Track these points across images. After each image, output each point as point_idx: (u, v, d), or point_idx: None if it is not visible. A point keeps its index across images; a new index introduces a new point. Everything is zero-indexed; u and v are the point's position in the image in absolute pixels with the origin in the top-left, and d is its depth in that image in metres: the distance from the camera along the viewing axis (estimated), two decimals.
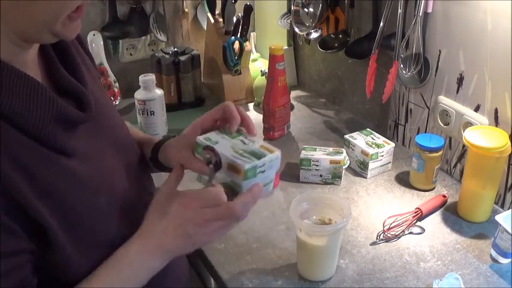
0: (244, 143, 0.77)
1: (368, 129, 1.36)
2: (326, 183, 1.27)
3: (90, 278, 0.69)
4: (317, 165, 1.25)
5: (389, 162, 1.31)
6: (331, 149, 1.28)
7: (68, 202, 0.67)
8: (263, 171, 0.74)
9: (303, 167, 1.26)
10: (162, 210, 0.73)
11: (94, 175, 0.72)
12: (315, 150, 1.28)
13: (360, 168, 1.29)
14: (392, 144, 1.29)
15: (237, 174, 0.72)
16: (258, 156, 0.74)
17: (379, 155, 1.26)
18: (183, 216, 0.71)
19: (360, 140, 1.30)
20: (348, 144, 1.32)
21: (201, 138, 0.77)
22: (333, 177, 1.26)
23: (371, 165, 1.26)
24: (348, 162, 1.29)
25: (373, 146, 1.27)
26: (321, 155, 1.26)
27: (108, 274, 0.70)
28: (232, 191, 0.74)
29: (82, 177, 0.70)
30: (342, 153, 1.26)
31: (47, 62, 0.73)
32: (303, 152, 1.28)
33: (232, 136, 0.78)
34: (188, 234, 0.71)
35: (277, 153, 0.76)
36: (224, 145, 0.76)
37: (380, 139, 1.31)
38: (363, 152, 1.26)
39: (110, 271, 0.71)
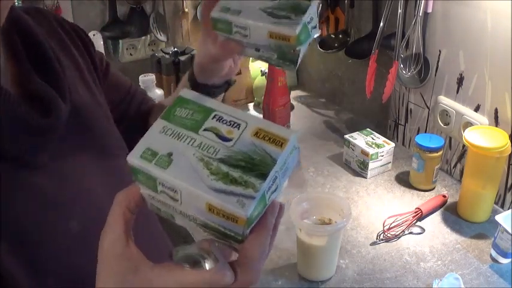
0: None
1: (368, 129, 1.35)
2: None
3: None
4: (245, 34, 0.61)
5: (389, 162, 1.31)
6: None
7: (26, 223, 0.57)
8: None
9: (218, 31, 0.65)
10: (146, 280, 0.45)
11: (66, 194, 0.62)
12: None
13: (359, 168, 1.29)
14: (392, 144, 1.29)
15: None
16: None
17: (379, 155, 1.26)
18: None
19: (360, 140, 1.30)
20: (348, 144, 1.32)
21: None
22: (280, 58, 0.65)
23: (371, 165, 1.26)
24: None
25: (373, 146, 1.27)
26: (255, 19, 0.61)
27: None
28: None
29: (49, 196, 0.60)
30: (298, 24, 0.58)
31: (15, 62, 0.64)
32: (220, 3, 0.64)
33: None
34: None
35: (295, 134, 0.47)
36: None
37: (380, 139, 1.30)
38: (363, 152, 1.26)
39: None
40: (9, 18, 0.62)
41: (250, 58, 1.75)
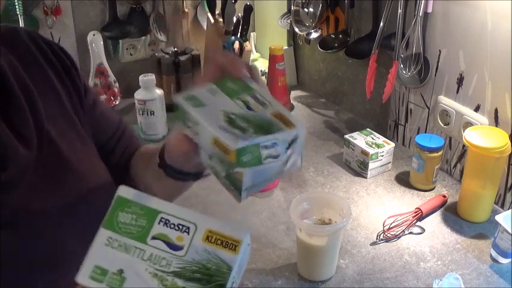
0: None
1: (368, 129, 1.36)
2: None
3: None
4: (196, 132, 0.58)
5: (389, 162, 1.31)
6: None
7: None
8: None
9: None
10: None
11: (36, 253, 0.57)
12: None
13: (360, 168, 1.29)
14: (392, 144, 1.29)
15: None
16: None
17: (379, 155, 1.26)
18: None
19: (360, 140, 1.30)
20: (347, 144, 1.31)
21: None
22: (227, 178, 0.60)
23: (371, 165, 1.26)
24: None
25: (373, 146, 1.27)
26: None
27: None
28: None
29: (19, 255, 0.55)
30: (245, 140, 0.50)
31: None
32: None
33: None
34: None
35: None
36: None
37: (380, 139, 1.30)
38: (363, 152, 1.26)
39: None
40: None
41: (250, 58, 1.75)
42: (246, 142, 0.43)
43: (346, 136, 1.33)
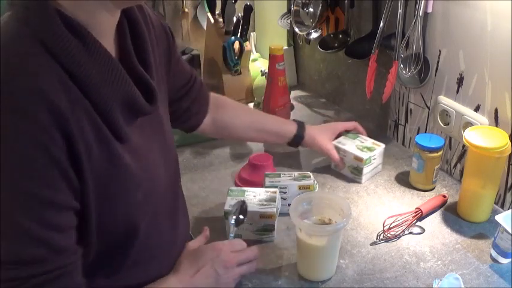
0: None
1: (352, 132, 1.32)
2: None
3: None
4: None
5: (380, 164, 1.30)
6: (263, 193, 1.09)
7: (111, 189, 0.67)
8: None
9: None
10: (197, 255, 0.86)
11: (139, 168, 0.72)
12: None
13: (353, 174, 1.27)
14: (382, 146, 1.28)
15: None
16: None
17: (371, 159, 1.25)
18: (215, 259, 0.84)
19: (349, 145, 1.27)
20: (337, 151, 1.27)
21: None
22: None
23: (365, 169, 1.25)
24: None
25: (365, 149, 1.25)
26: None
27: None
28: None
29: (128, 168, 0.69)
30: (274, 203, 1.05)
31: (122, 46, 0.72)
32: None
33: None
34: (217, 275, 0.83)
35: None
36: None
37: (368, 141, 1.29)
38: (356, 158, 1.24)
39: None
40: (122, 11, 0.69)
41: (250, 58, 1.75)
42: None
43: (334, 143, 1.29)
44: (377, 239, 1.07)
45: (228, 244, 0.89)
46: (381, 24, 1.29)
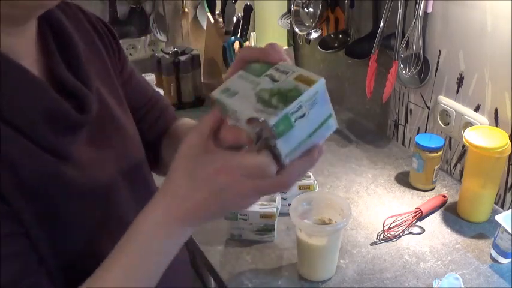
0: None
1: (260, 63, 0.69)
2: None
3: (98, 271, 0.59)
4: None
5: (331, 116, 0.69)
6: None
7: (58, 210, 0.61)
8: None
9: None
10: (192, 171, 0.55)
11: (90, 185, 0.65)
12: None
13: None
14: (321, 80, 0.57)
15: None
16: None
17: (294, 115, 0.56)
18: (219, 185, 0.54)
19: (244, 93, 0.59)
20: (224, 111, 0.62)
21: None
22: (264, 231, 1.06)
23: (281, 145, 0.57)
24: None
25: (276, 98, 0.58)
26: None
27: (121, 258, 0.58)
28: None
29: (76, 186, 0.63)
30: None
31: (47, 57, 0.66)
32: None
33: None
34: (222, 204, 0.55)
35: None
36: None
37: (290, 73, 0.59)
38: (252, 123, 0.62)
39: (124, 253, 0.58)
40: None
41: None
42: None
43: (214, 92, 0.75)
44: (377, 239, 1.07)
45: (241, 167, 0.53)
46: (381, 24, 1.29)
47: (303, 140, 0.54)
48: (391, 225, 1.07)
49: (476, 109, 1.17)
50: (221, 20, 1.70)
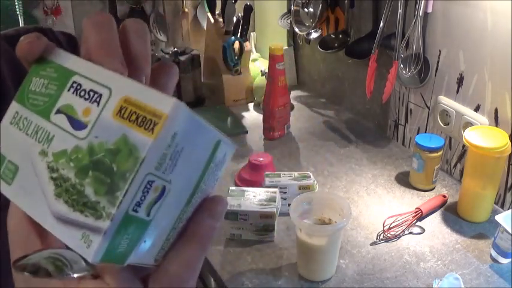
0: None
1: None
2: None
3: None
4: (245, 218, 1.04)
5: None
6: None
7: None
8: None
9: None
10: None
11: None
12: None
13: None
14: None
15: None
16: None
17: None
18: None
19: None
20: None
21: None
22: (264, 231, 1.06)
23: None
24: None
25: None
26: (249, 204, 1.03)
27: None
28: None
29: None
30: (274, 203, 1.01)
31: None
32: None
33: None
34: None
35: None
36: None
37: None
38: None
39: None
40: None
41: (250, 58, 1.75)
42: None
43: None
44: (377, 239, 1.07)
45: None
46: (381, 24, 1.29)
47: (179, 213, 0.30)
48: (391, 225, 1.07)
49: (476, 109, 1.17)
50: (221, 20, 1.70)
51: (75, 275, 0.27)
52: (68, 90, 0.29)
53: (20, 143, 0.29)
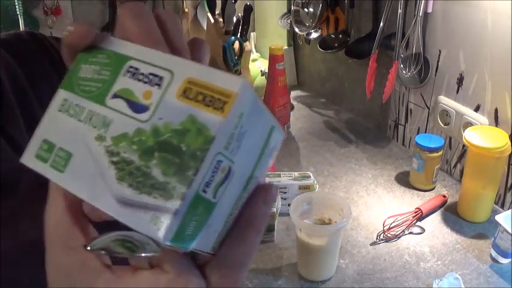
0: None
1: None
2: None
3: None
4: None
5: None
6: None
7: None
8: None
9: None
10: None
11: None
12: None
13: None
14: None
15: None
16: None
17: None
18: None
19: None
20: None
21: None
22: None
23: None
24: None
25: None
26: None
27: None
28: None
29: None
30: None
31: None
32: None
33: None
34: None
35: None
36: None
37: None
38: None
39: None
40: None
41: (250, 58, 1.75)
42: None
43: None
44: (377, 239, 1.07)
45: None
46: (381, 24, 1.29)
47: (237, 199, 0.29)
48: (391, 225, 1.07)
49: (476, 109, 1.17)
50: (221, 20, 1.70)
51: (144, 254, 0.27)
52: (124, 75, 0.29)
53: (72, 130, 0.29)
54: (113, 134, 0.27)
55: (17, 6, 1.46)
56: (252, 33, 1.93)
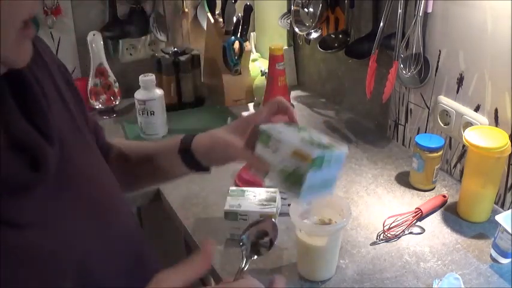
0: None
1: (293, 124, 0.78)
2: None
3: None
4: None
5: (334, 179, 0.73)
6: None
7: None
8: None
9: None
10: None
11: (57, 252, 0.57)
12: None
13: (284, 183, 0.70)
14: (344, 149, 0.70)
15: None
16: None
17: (326, 161, 0.67)
18: None
19: (287, 133, 0.71)
20: (266, 141, 0.72)
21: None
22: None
23: (310, 177, 0.66)
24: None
25: (315, 144, 0.68)
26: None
27: None
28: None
29: (41, 256, 0.55)
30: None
31: (1, 107, 0.58)
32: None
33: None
34: None
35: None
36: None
37: (324, 138, 0.72)
38: (298, 154, 0.67)
39: None
40: None
41: (250, 58, 1.75)
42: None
43: (263, 126, 0.75)
44: (377, 239, 1.07)
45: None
46: (381, 24, 1.29)
47: (317, 184, 0.68)
48: (391, 225, 1.07)
49: (476, 109, 1.17)
50: (221, 20, 1.70)
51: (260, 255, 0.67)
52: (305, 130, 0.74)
53: (284, 128, 0.74)
54: (302, 135, 0.69)
55: None
56: (252, 33, 1.93)
